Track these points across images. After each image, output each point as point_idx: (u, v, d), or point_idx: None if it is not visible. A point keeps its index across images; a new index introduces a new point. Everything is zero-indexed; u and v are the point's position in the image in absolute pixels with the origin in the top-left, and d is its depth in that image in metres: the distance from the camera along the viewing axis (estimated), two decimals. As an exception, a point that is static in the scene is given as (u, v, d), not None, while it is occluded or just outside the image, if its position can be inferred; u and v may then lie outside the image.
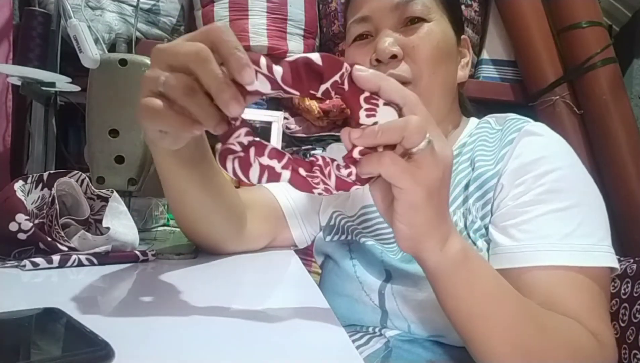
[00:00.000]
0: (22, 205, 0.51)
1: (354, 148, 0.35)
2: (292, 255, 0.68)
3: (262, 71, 0.33)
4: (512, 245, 0.52)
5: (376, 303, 0.59)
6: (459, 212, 0.58)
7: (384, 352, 0.55)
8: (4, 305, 0.32)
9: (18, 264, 0.48)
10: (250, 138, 0.35)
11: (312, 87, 0.35)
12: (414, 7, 0.61)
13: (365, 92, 0.35)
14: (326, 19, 1.44)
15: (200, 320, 0.37)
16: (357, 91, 0.35)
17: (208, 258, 0.60)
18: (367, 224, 0.67)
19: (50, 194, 0.55)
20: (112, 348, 0.27)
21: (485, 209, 0.56)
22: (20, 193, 0.52)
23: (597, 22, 1.33)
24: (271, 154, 0.35)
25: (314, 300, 0.46)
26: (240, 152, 0.35)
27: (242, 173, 0.35)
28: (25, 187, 0.55)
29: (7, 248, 0.51)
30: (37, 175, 0.56)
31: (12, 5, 1.14)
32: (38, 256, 0.49)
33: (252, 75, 0.33)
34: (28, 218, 0.50)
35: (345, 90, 0.35)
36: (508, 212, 0.53)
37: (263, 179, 0.35)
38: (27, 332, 0.29)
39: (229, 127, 0.35)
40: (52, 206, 0.54)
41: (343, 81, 0.35)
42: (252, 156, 0.35)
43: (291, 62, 0.34)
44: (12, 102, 1.14)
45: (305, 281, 0.54)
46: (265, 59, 0.33)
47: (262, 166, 0.35)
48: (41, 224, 0.53)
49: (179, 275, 0.51)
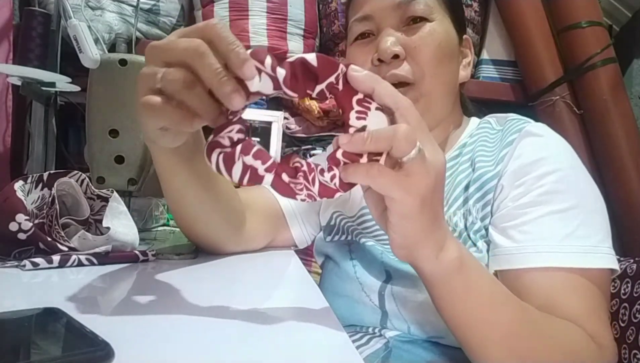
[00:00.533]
0: (22, 205, 0.51)
1: (338, 148, 0.35)
2: (292, 255, 0.68)
3: (266, 70, 0.33)
4: (511, 246, 0.52)
5: (376, 304, 0.59)
6: (459, 213, 0.58)
7: (383, 352, 0.55)
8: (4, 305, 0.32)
9: (18, 264, 0.48)
10: (241, 135, 0.35)
11: (309, 88, 0.34)
12: (416, 7, 0.60)
13: (358, 93, 0.35)
14: (326, 19, 1.44)
15: (200, 320, 0.36)
16: (350, 92, 0.35)
17: (208, 258, 0.60)
18: (367, 225, 0.67)
19: (50, 194, 0.55)
20: (112, 348, 0.27)
21: (485, 210, 0.56)
22: (20, 193, 0.52)
23: (597, 22, 1.32)
24: (256, 155, 0.35)
25: (314, 300, 0.46)
26: (228, 147, 0.35)
27: (225, 168, 0.35)
28: (25, 187, 0.55)
29: (7, 248, 0.51)
30: (37, 175, 0.56)
31: (12, 5, 1.14)
32: (38, 256, 0.49)
33: (253, 69, 0.33)
34: (28, 218, 0.50)
35: (339, 90, 0.35)
36: (508, 213, 0.53)
37: (245, 179, 0.35)
38: (27, 332, 0.29)
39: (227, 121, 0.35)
40: (52, 206, 0.54)
41: (338, 81, 0.34)
42: (238, 153, 0.35)
43: (290, 63, 0.34)
44: (12, 102, 1.14)
45: (305, 281, 0.54)
46: (270, 58, 0.33)
47: (245, 165, 0.35)
48: (41, 224, 0.53)
49: (179, 275, 0.51)
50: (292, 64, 0.33)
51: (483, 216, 0.56)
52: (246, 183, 0.35)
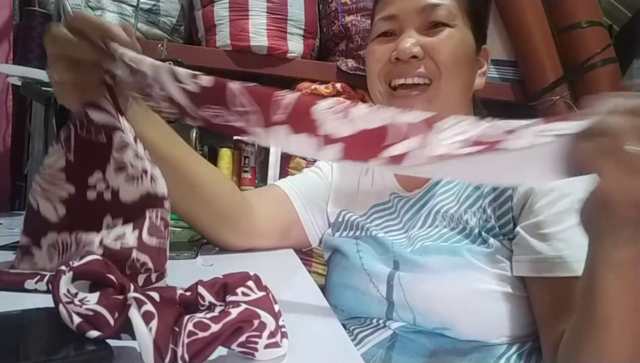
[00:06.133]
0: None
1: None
2: (292, 255, 0.68)
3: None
4: (551, 252, 0.51)
5: (383, 294, 0.60)
6: (470, 211, 0.59)
7: (388, 342, 0.57)
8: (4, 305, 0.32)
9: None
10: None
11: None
12: (440, 12, 0.63)
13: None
14: (326, 19, 1.44)
15: (200, 320, 0.36)
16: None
17: (208, 258, 0.60)
18: (378, 222, 0.68)
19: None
20: (112, 348, 0.27)
21: (502, 209, 0.56)
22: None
23: (597, 22, 1.33)
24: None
25: (314, 300, 0.46)
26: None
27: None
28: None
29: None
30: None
31: (12, 5, 1.14)
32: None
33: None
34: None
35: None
36: (545, 220, 0.53)
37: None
38: (27, 332, 0.29)
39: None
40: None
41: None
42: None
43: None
44: (12, 102, 1.14)
45: (305, 281, 0.54)
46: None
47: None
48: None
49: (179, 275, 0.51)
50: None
51: (500, 215, 0.57)
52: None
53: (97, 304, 0.27)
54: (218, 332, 0.27)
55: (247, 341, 0.29)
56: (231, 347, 0.28)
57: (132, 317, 0.26)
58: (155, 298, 0.27)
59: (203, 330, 0.26)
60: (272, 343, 0.30)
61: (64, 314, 0.27)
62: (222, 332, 0.27)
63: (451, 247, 0.57)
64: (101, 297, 0.29)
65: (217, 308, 0.30)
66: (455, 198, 0.61)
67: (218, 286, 0.31)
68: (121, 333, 0.27)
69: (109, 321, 0.27)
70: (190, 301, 0.30)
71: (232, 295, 0.30)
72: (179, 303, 0.29)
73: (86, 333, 0.27)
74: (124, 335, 0.27)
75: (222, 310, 0.29)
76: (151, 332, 0.25)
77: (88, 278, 0.30)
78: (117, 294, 0.29)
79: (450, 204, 0.61)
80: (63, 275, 0.29)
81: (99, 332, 0.27)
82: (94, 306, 0.27)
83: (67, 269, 0.29)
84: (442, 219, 0.61)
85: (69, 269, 0.29)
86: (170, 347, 0.26)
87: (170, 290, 0.30)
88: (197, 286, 0.30)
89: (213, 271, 0.55)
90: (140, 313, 0.26)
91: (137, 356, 0.26)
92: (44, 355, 0.26)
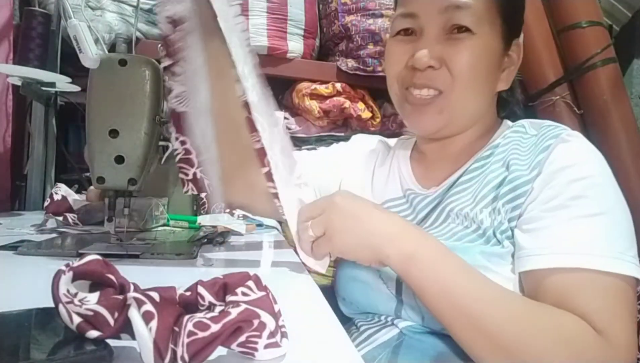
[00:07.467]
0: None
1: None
2: (292, 255, 0.68)
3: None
4: (533, 246, 0.52)
5: (393, 292, 0.59)
6: (485, 211, 0.58)
7: (395, 341, 0.56)
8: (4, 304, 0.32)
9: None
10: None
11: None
12: (463, 15, 0.59)
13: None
14: (326, 19, 1.44)
15: (200, 320, 0.36)
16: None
17: (208, 258, 0.60)
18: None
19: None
20: (112, 348, 0.27)
21: (514, 212, 0.56)
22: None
23: (597, 22, 1.33)
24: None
25: (314, 300, 0.46)
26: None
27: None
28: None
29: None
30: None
31: (12, 5, 1.14)
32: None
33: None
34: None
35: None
36: (535, 215, 0.54)
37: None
38: (27, 332, 0.29)
39: None
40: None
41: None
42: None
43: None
44: (12, 102, 1.14)
45: (306, 281, 0.54)
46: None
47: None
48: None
49: (179, 275, 0.51)
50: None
51: (511, 217, 0.56)
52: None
53: (97, 304, 0.27)
54: (218, 332, 0.27)
55: (247, 341, 0.29)
56: (231, 347, 0.28)
57: (132, 317, 0.26)
58: (155, 298, 0.27)
59: (203, 330, 0.26)
60: (272, 343, 0.30)
61: (63, 314, 0.27)
62: (222, 332, 0.27)
63: (463, 247, 0.56)
64: (101, 297, 0.28)
65: (217, 308, 0.30)
66: (472, 197, 0.60)
67: (218, 286, 0.30)
68: (121, 333, 0.27)
69: (109, 321, 0.27)
70: (190, 301, 0.30)
71: (232, 295, 0.30)
72: (178, 303, 0.29)
73: (86, 333, 0.27)
74: (124, 335, 0.27)
75: (222, 310, 0.29)
76: (151, 332, 0.25)
77: (88, 278, 0.30)
78: (117, 294, 0.29)
79: (466, 203, 0.60)
80: (63, 274, 0.29)
81: (99, 332, 0.27)
82: (94, 306, 0.27)
83: (67, 269, 0.29)
84: (456, 217, 0.60)
85: (68, 269, 0.29)
86: (170, 346, 0.26)
87: (170, 289, 0.30)
88: (197, 286, 0.30)
89: (213, 271, 0.55)
90: (140, 313, 0.26)
91: (137, 356, 0.26)
92: (44, 355, 0.26)
